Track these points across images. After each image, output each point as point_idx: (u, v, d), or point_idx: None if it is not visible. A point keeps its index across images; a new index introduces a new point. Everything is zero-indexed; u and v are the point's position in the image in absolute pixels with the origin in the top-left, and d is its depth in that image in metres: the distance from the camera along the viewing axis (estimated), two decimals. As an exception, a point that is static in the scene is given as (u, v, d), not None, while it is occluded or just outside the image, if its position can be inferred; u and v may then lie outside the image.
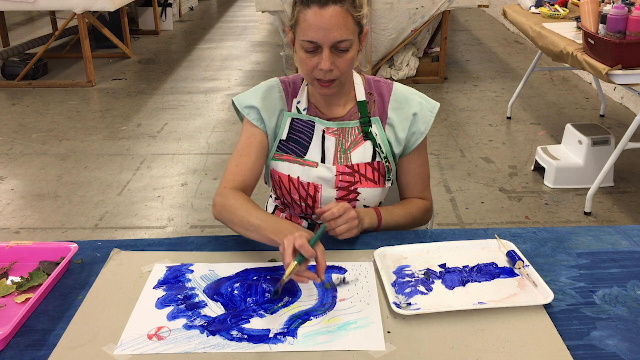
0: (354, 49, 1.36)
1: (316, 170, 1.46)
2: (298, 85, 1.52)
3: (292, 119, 1.49)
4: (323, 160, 1.47)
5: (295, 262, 1.13)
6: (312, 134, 1.48)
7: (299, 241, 1.14)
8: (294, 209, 1.53)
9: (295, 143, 1.48)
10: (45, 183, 3.56)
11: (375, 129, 1.47)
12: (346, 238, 1.35)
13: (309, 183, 1.47)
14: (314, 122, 1.48)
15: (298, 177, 1.47)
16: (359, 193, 1.47)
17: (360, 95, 1.48)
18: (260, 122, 1.48)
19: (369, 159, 1.47)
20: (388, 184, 1.50)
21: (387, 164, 1.48)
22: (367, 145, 1.47)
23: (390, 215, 1.46)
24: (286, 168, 1.48)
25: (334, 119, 1.49)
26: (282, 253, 1.16)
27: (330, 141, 1.47)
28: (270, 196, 1.65)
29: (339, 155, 1.47)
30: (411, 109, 1.48)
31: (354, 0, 1.33)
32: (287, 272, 1.12)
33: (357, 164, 1.46)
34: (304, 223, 1.54)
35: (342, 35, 1.31)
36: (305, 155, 1.47)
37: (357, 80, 1.50)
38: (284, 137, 1.49)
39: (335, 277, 1.24)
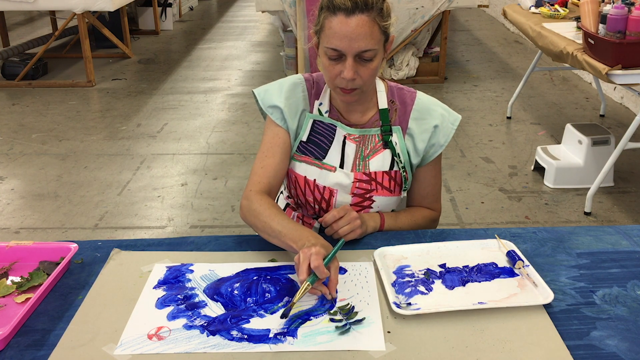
0: (378, 58, 1.34)
1: (334, 175, 1.45)
2: (321, 86, 1.49)
3: (314, 120, 1.47)
4: (342, 166, 1.46)
5: (308, 283, 1.13)
6: (333, 138, 1.46)
7: (314, 262, 1.13)
8: (307, 210, 1.52)
9: (315, 145, 1.47)
10: (45, 183, 3.56)
11: (395, 138, 1.46)
12: (351, 239, 1.35)
13: (325, 187, 1.46)
14: (336, 127, 1.46)
15: (314, 180, 1.46)
16: (373, 201, 1.47)
17: (383, 103, 1.46)
18: (283, 122, 1.47)
19: (387, 168, 1.46)
20: (404, 194, 1.50)
21: (404, 173, 1.47)
22: (386, 154, 1.46)
23: (394, 221, 1.47)
24: (303, 169, 1.47)
25: (355, 125, 1.47)
26: (297, 267, 1.17)
27: (351, 147, 1.46)
28: (282, 192, 1.63)
29: (357, 162, 1.46)
30: (433, 121, 1.46)
31: (382, 10, 1.30)
32: (299, 293, 1.12)
33: (375, 172, 1.45)
34: (316, 224, 1.54)
35: (367, 45, 1.28)
36: (324, 158, 1.46)
37: (380, 87, 1.48)
38: (304, 138, 1.47)
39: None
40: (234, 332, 1.10)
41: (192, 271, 1.28)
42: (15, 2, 4.98)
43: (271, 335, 1.09)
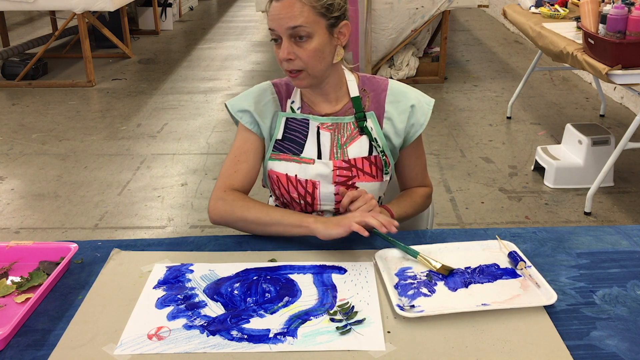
0: (317, 39, 1.36)
1: (313, 167, 1.47)
2: (291, 86, 1.53)
3: (287, 118, 1.50)
4: (320, 157, 1.47)
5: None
6: (307, 132, 1.49)
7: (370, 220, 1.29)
8: (294, 207, 1.53)
9: (291, 142, 1.49)
10: (45, 183, 3.56)
11: (370, 123, 1.48)
12: (373, 225, 1.31)
13: (307, 180, 1.47)
14: (308, 120, 1.49)
15: (296, 175, 1.47)
16: (356, 187, 1.47)
17: (354, 92, 1.49)
18: (254, 126, 1.50)
19: (366, 153, 1.47)
20: (386, 178, 1.51)
21: (384, 157, 1.49)
22: (364, 140, 1.47)
23: (399, 208, 1.50)
24: (283, 167, 1.48)
25: (327, 115, 1.50)
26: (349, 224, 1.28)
27: (326, 136, 1.48)
28: (271, 196, 1.65)
29: (335, 151, 1.47)
30: (409, 101, 1.49)
31: None
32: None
33: (354, 159, 1.47)
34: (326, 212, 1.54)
35: (294, 21, 1.33)
36: (301, 153, 1.48)
37: (350, 77, 1.51)
38: (279, 136, 1.50)
39: None
40: (234, 332, 1.10)
41: (192, 271, 1.28)
42: (15, 2, 4.98)
43: (271, 335, 1.09)
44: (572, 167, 3.38)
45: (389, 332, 1.09)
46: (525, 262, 1.27)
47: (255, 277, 1.26)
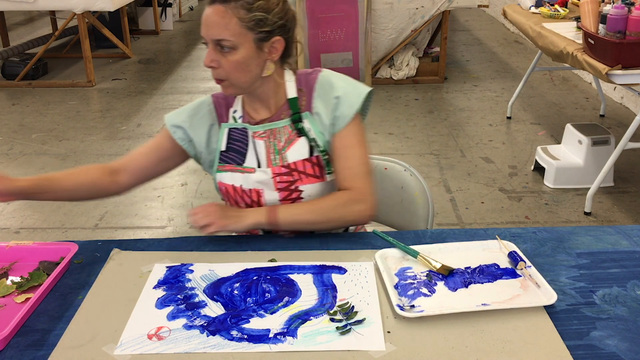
0: (241, 52, 1.33)
1: (254, 176, 1.45)
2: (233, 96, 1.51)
3: (230, 129, 1.48)
4: (259, 165, 1.45)
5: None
6: (247, 141, 1.47)
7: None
8: None
9: (235, 152, 1.48)
10: (45, 183, 3.55)
11: (307, 123, 1.44)
12: (213, 231, 1.34)
13: (250, 190, 1.45)
14: (247, 129, 1.47)
15: (241, 185, 1.46)
16: (301, 191, 1.45)
17: (292, 93, 1.45)
18: (185, 142, 1.50)
19: (307, 155, 1.44)
20: (330, 177, 1.46)
21: (325, 156, 1.45)
22: (302, 142, 1.44)
23: (288, 209, 1.40)
24: (230, 178, 1.47)
25: (261, 121, 1.47)
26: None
27: (260, 145, 1.45)
28: None
29: (272, 157, 1.45)
30: (334, 93, 1.43)
31: (250, 5, 1.31)
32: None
33: (295, 162, 1.44)
34: (260, 232, 1.51)
35: (219, 34, 1.31)
36: (244, 162, 1.46)
37: (289, 77, 1.46)
38: (223, 148, 1.48)
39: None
40: (234, 332, 1.10)
41: (192, 271, 1.28)
42: (15, 2, 4.98)
43: (271, 335, 1.09)
44: (572, 167, 3.38)
45: (389, 332, 1.09)
46: (525, 262, 1.27)
47: (255, 277, 1.26)
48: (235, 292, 1.21)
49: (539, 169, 3.55)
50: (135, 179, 1.52)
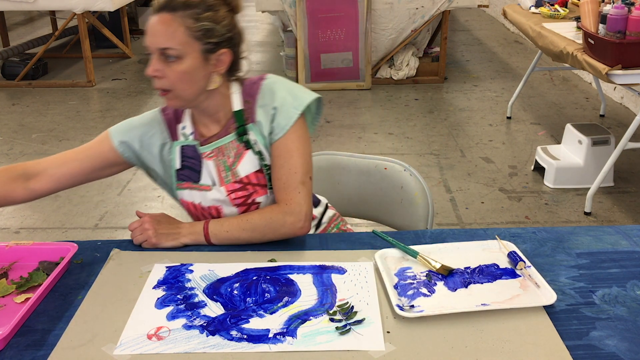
0: (187, 62, 1.30)
1: (211, 193, 1.43)
2: (180, 110, 1.47)
3: (182, 146, 1.44)
4: (214, 183, 1.43)
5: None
6: (201, 158, 1.44)
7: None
8: None
9: (190, 169, 1.45)
10: (45, 183, 3.55)
11: (253, 135, 1.40)
12: (151, 246, 1.36)
13: (210, 207, 1.44)
14: (196, 147, 1.44)
15: (200, 203, 1.45)
16: (259, 203, 1.43)
17: (237, 105, 1.41)
18: (134, 159, 1.47)
19: (258, 167, 1.41)
20: (271, 192, 1.44)
21: (268, 171, 1.42)
22: (251, 155, 1.41)
23: (220, 227, 1.37)
24: (189, 195, 1.46)
25: (210, 139, 1.43)
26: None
27: (209, 165, 1.43)
28: None
29: (223, 175, 1.42)
30: (273, 102, 1.39)
31: (198, 15, 1.29)
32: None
33: (247, 176, 1.41)
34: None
35: (164, 42, 1.28)
36: (200, 180, 1.44)
37: (235, 89, 1.42)
38: (178, 166, 1.45)
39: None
40: (234, 332, 1.10)
41: (191, 271, 1.28)
42: (15, 2, 4.98)
43: (271, 335, 1.09)
44: (572, 167, 3.38)
45: (388, 332, 1.09)
46: (524, 262, 1.27)
47: (254, 277, 1.26)
48: (235, 292, 1.21)
49: (539, 169, 3.55)
50: (56, 186, 1.44)
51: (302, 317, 1.13)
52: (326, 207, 1.63)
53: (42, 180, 1.43)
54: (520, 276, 1.24)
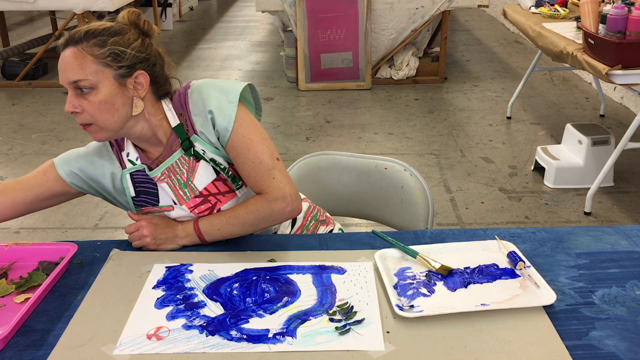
0: (102, 91, 1.27)
1: (174, 213, 1.41)
2: (120, 138, 1.44)
3: (131, 173, 1.42)
4: (175, 202, 1.41)
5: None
6: (154, 180, 1.42)
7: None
8: None
9: (146, 194, 1.43)
10: (45, 183, 3.55)
11: (200, 145, 1.38)
12: (150, 249, 1.36)
13: (182, 221, 1.42)
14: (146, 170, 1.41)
15: None
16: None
17: (173, 121, 1.38)
18: (86, 187, 1.44)
19: (214, 175, 1.39)
20: (242, 190, 1.42)
21: (229, 173, 1.40)
22: (204, 165, 1.38)
23: (211, 225, 1.37)
24: None
25: (156, 160, 1.40)
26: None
27: (164, 187, 1.40)
28: None
29: (181, 194, 1.39)
30: (207, 106, 1.36)
31: (102, 40, 1.27)
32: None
33: (206, 188, 1.39)
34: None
35: (75, 75, 1.25)
36: (159, 202, 1.42)
37: (167, 106, 1.39)
38: (133, 194, 1.43)
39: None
40: (233, 332, 1.10)
41: (191, 271, 1.28)
42: (15, 2, 4.98)
43: (270, 335, 1.09)
44: (572, 167, 3.38)
45: (388, 332, 1.09)
46: (524, 262, 1.27)
47: (254, 277, 1.26)
48: (235, 292, 1.21)
49: (539, 169, 3.55)
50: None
51: (302, 317, 1.13)
52: None
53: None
54: (519, 276, 1.24)
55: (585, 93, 4.99)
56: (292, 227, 1.56)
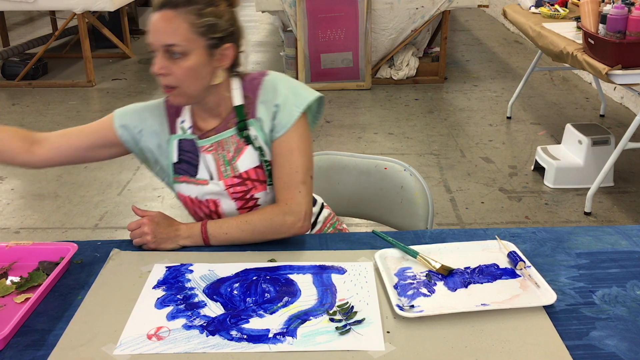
0: (193, 58, 1.30)
1: (207, 188, 1.43)
2: None
3: (179, 140, 1.45)
4: (212, 177, 1.43)
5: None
6: (198, 152, 1.44)
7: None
8: None
9: (187, 163, 1.45)
10: (45, 183, 3.56)
11: (254, 131, 1.40)
12: (152, 248, 1.36)
13: (207, 200, 1.44)
14: (195, 141, 1.44)
15: (197, 197, 1.45)
16: (257, 198, 1.43)
17: (238, 100, 1.41)
18: (131, 144, 1.47)
19: (257, 163, 1.41)
20: (270, 188, 1.44)
21: (268, 167, 1.42)
22: (251, 150, 1.40)
23: (218, 228, 1.37)
24: (186, 189, 1.46)
25: (208, 133, 1.43)
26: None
27: (208, 158, 1.43)
28: None
29: (222, 170, 1.42)
30: (275, 100, 1.39)
31: (200, 10, 1.29)
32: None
33: (246, 171, 1.41)
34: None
35: (169, 39, 1.28)
36: (197, 174, 1.44)
37: (235, 85, 1.42)
38: (175, 160, 1.45)
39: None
40: (234, 332, 1.10)
41: (191, 271, 1.28)
42: (15, 2, 4.98)
43: (270, 335, 1.09)
44: (572, 167, 3.38)
45: (388, 332, 1.09)
46: (524, 262, 1.27)
47: (254, 277, 1.26)
48: (235, 292, 1.21)
49: (539, 169, 3.55)
50: (56, 156, 1.46)
51: (302, 317, 1.13)
52: (322, 207, 1.63)
53: (44, 146, 1.46)
54: (520, 276, 1.24)
55: (585, 93, 4.99)
56: (310, 230, 1.57)
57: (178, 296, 1.20)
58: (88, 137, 1.48)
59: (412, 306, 1.15)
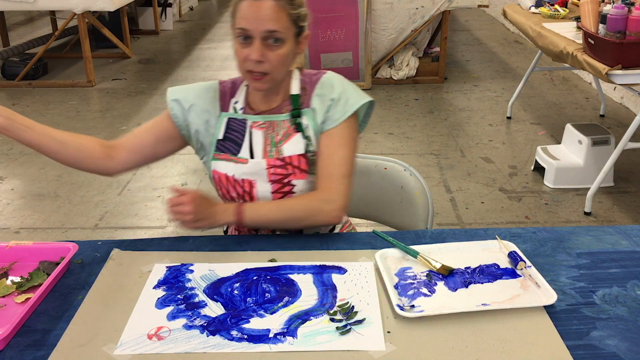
0: (287, 46, 1.37)
1: (247, 167, 1.45)
2: (237, 85, 1.52)
3: (229, 119, 1.49)
4: (252, 156, 1.45)
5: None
6: (244, 132, 1.47)
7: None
8: None
9: (231, 142, 1.48)
10: (45, 183, 3.56)
11: (306, 120, 1.45)
12: (189, 228, 1.35)
13: (243, 180, 1.46)
14: (246, 120, 1.47)
15: (233, 175, 1.46)
16: (293, 185, 1.45)
17: (295, 89, 1.47)
18: (180, 120, 1.49)
19: (302, 151, 1.44)
20: (312, 177, 1.46)
21: (313, 157, 1.45)
22: (299, 137, 1.44)
23: (255, 209, 1.40)
24: (224, 167, 1.47)
25: (262, 112, 1.48)
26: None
27: (258, 135, 1.46)
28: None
29: (269, 149, 1.45)
30: (332, 94, 1.45)
31: (292, 0, 1.37)
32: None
33: (290, 157, 1.44)
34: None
35: (273, 26, 1.33)
36: (239, 153, 1.46)
37: (295, 75, 1.49)
38: (220, 136, 1.48)
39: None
40: (234, 332, 1.10)
41: (192, 271, 1.28)
42: (15, 2, 4.97)
43: (271, 335, 1.09)
44: (572, 167, 3.38)
45: (389, 332, 1.09)
46: (525, 262, 1.27)
47: (255, 277, 1.26)
48: (235, 292, 1.21)
49: (539, 169, 3.55)
50: (131, 157, 1.49)
51: (303, 317, 1.13)
52: None
53: (120, 151, 1.49)
54: (520, 276, 1.24)
55: (585, 93, 4.99)
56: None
57: (178, 296, 1.20)
58: (152, 131, 1.51)
59: (413, 306, 1.15)
